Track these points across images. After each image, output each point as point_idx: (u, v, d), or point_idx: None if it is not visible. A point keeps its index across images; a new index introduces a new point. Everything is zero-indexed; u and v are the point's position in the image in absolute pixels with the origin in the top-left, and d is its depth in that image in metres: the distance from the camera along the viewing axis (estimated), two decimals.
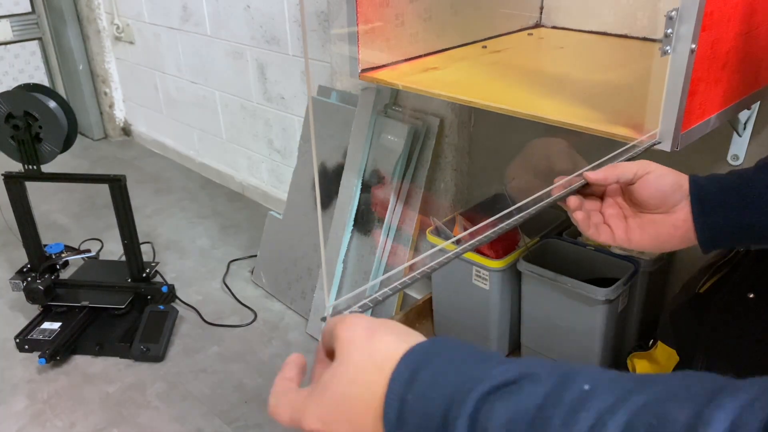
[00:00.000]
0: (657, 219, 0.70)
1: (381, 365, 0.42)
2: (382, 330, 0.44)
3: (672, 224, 0.69)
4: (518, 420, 0.36)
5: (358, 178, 1.79)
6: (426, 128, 1.73)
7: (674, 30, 0.81)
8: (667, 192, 0.68)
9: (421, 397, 0.39)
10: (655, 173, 0.68)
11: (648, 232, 0.71)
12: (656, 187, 0.68)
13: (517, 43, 1.43)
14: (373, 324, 0.45)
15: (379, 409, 0.41)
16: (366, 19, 1.15)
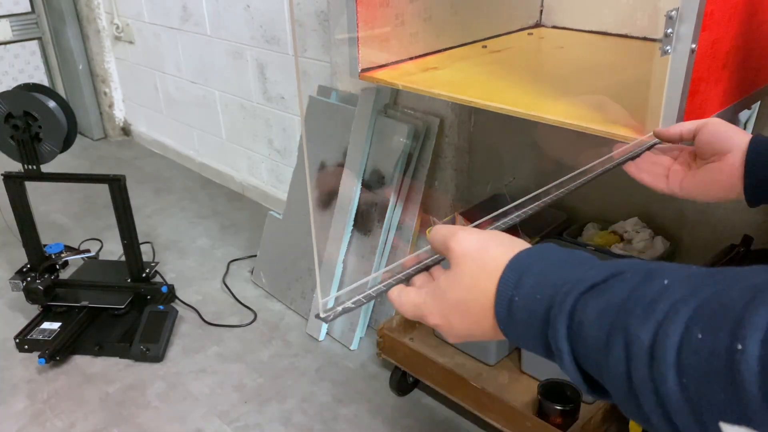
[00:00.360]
0: (709, 166, 0.74)
1: (492, 273, 0.49)
2: (492, 242, 0.51)
3: (719, 169, 0.73)
4: (608, 311, 0.42)
5: (358, 178, 1.79)
6: (426, 128, 1.73)
7: (674, 30, 0.81)
8: (721, 137, 0.72)
9: (526, 298, 0.46)
10: (713, 122, 0.74)
11: (697, 178, 0.75)
12: (712, 132, 0.73)
13: (517, 43, 1.43)
14: (483, 237, 0.52)
15: (492, 309, 0.49)
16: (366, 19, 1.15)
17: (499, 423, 1.41)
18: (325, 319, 0.54)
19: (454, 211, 1.66)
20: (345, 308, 0.54)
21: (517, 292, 0.47)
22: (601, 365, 0.42)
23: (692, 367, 0.36)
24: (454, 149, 1.74)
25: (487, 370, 1.56)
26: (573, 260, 0.48)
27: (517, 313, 0.47)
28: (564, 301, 0.44)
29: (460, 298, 0.50)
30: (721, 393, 0.34)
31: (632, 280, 0.43)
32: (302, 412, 1.65)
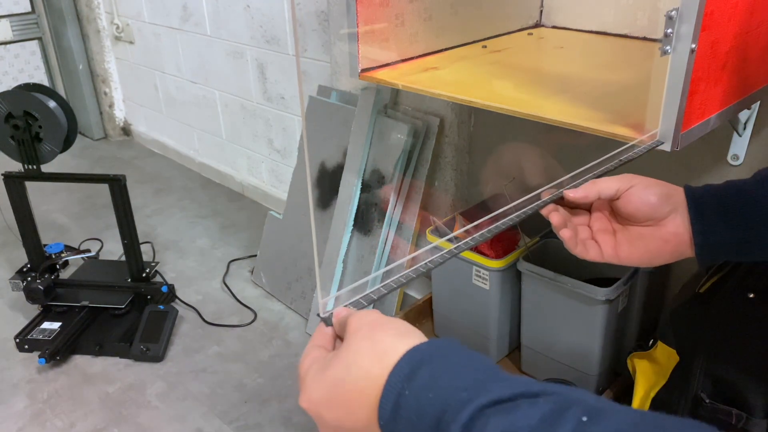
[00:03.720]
0: (646, 233, 0.67)
1: (382, 356, 0.43)
2: (389, 325, 0.45)
3: (661, 238, 0.66)
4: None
5: (358, 178, 1.79)
6: (426, 128, 1.73)
7: (674, 30, 0.81)
8: (655, 204, 0.65)
9: (418, 396, 0.40)
10: (640, 186, 0.65)
11: (637, 247, 0.67)
12: (642, 200, 0.65)
13: (517, 43, 1.43)
14: (382, 319, 0.46)
15: (375, 399, 0.42)
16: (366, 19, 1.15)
17: None
18: (326, 320, 0.54)
19: (454, 211, 1.66)
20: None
21: (408, 386, 0.41)
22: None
23: None
24: (454, 149, 1.74)
25: None
26: (478, 365, 0.42)
27: (403, 411, 0.40)
28: (461, 410, 0.38)
29: (339, 377, 0.43)
30: None
31: (544, 407, 0.37)
32: (302, 412, 1.64)
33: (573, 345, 1.39)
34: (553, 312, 1.40)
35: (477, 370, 0.42)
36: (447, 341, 0.44)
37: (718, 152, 1.32)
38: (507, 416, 0.37)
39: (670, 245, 0.65)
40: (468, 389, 0.39)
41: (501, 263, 1.43)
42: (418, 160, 1.76)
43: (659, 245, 0.66)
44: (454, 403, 0.39)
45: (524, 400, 0.38)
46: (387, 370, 0.42)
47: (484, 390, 0.39)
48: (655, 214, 0.65)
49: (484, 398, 0.38)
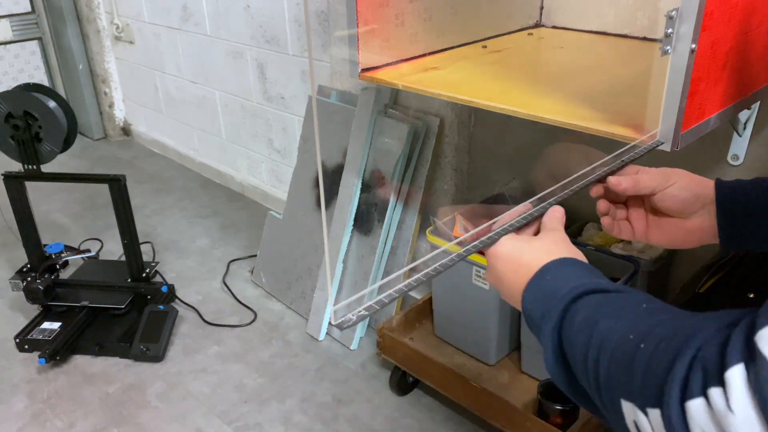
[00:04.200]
0: (675, 223, 0.74)
1: (549, 254, 0.62)
2: (566, 244, 0.65)
3: (689, 229, 0.73)
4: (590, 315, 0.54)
5: (358, 178, 1.79)
6: (426, 128, 1.73)
7: (674, 30, 0.81)
8: (686, 203, 0.71)
9: (550, 280, 0.59)
10: (675, 187, 0.72)
11: (666, 233, 0.74)
12: (675, 200, 0.72)
13: (517, 43, 1.43)
14: (564, 236, 0.66)
15: (531, 273, 0.61)
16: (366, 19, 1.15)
17: (499, 423, 1.41)
18: (339, 326, 0.53)
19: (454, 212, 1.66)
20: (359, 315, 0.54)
21: (547, 275, 0.60)
22: (572, 342, 0.54)
23: (616, 357, 0.48)
24: (454, 149, 1.74)
25: (487, 370, 1.56)
26: (593, 277, 0.60)
27: (543, 285, 0.60)
28: (573, 290, 0.57)
29: (522, 248, 0.63)
30: (623, 377, 0.47)
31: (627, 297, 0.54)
32: (302, 412, 1.65)
33: None
34: None
35: (590, 273, 0.60)
36: (587, 266, 0.62)
37: (718, 152, 1.32)
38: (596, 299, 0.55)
39: (696, 236, 0.73)
40: (575, 283, 0.58)
41: None
42: (418, 160, 1.76)
43: (685, 235, 0.73)
44: (567, 287, 0.57)
45: (617, 294, 0.56)
46: (544, 262, 0.61)
47: (596, 284, 0.57)
48: (685, 211, 0.72)
49: (585, 288, 0.56)
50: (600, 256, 1.41)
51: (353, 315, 0.54)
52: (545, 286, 0.59)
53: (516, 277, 0.62)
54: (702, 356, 0.42)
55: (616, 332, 0.50)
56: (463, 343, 1.61)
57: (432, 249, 1.55)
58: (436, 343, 1.66)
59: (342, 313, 0.54)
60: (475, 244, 0.66)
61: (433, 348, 1.64)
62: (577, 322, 0.54)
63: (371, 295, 0.56)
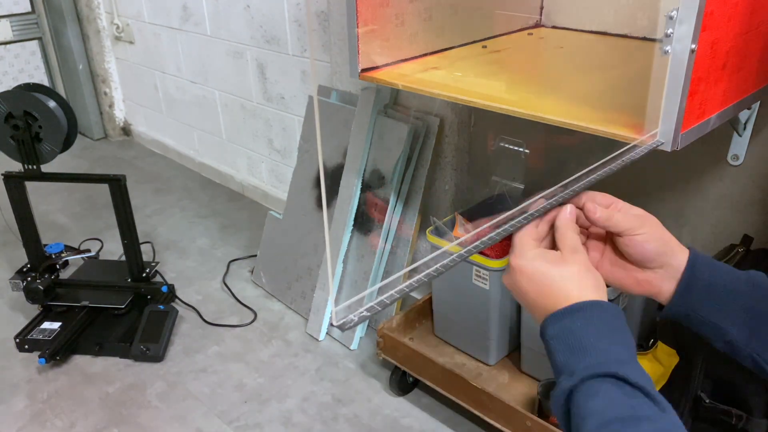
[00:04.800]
0: (628, 268, 0.71)
1: (581, 290, 0.62)
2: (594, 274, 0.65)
3: (639, 279, 0.70)
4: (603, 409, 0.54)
5: (358, 178, 1.79)
6: (426, 128, 1.73)
7: (674, 30, 0.81)
8: (647, 257, 0.69)
9: (578, 330, 0.59)
10: (645, 236, 0.68)
11: (614, 273, 0.72)
12: (639, 249, 0.68)
13: (517, 43, 1.43)
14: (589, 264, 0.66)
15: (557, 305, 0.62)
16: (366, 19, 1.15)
17: (499, 423, 1.41)
18: (341, 327, 0.53)
19: (454, 212, 1.66)
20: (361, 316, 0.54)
21: (578, 320, 0.61)
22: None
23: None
24: (454, 149, 1.74)
25: (487, 370, 1.56)
26: (628, 345, 0.60)
27: (564, 329, 0.60)
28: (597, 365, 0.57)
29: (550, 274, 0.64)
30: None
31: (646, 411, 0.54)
32: (302, 412, 1.65)
33: None
34: None
35: (625, 345, 0.59)
36: (616, 313, 0.62)
37: (718, 152, 1.32)
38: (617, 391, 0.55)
39: (642, 288, 0.70)
40: (608, 357, 0.57)
41: (501, 263, 1.43)
42: (418, 160, 1.76)
43: (633, 283, 0.71)
44: (596, 356, 0.57)
45: (641, 395, 0.54)
46: (576, 300, 0.61)
47: (624, 366, 0.56)
48: (644, 262, 0.69)
49: (615, 370, 0.55)
50: None
51: (354, 316, 0.54)
52: (574, 331, 0.59)
53: (540, 301, 0.63)
54: None
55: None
56: (463, 343, 1.61)
57: (432, 249, 1.55)
58: (436, 343, 1.66)
59: (343, 314, 0.54)
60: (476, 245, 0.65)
61: (433, 348, 1.64)
62: (590, 408, 0.54)
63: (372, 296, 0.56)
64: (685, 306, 0.68)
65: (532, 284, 0.64)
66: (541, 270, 0.64)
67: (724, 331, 0.67)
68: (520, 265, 0.65)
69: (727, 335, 0.67)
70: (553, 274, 0.63)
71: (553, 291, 0.63)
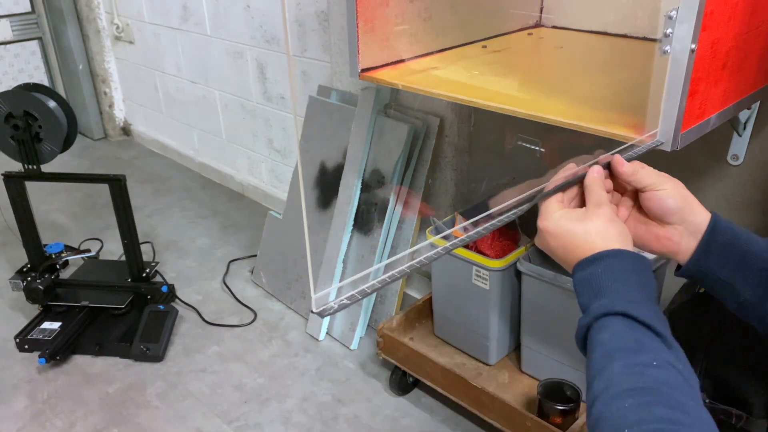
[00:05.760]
0: (650, 224, 0.75)
1: (605, 240, 0.67)
2: (618, 224, 0.70)
3: (658, 236, 0.75)
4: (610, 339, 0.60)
5: (358, 178, 1.79)
6: (426, 128, 1.73)
7: (674, 30, 0.81)
8: (667, 212, 0.73)
9: (600, 275, 0.65)
10: (667, 192, 0.73)
11: (637, 229, 0.76)
12: (660, 204, 0.73)
13: (517, 43, 1.43)
14: (614, 215, 0.71)
15: (582, 255, 0.67)
16: (366, 19, 1.15)
17: (499, 423, 1.41)
18: (320, 313, 0.54)
19: (454, 211, 1.66)
20: (341, 304, 0.54)
21: (600, 266, 0.66)
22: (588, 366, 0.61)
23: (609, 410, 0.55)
24: (454, 149, 1.74)
25: (487, 370, 1.56)
26: (645, 288, 0.64)
27: (590, 275, 0.66)
28: (611, 304, 0.62)
29: (575, 230, 0.69)
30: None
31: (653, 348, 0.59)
32: (302, 412, 1.65)
33: (573, 345, 1.38)
34: (553, 312, 1.40)
35: (641, 289, 0.63)
36: (639, 261, 0.66)
37: (718, 152, 1.32)
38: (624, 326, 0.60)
39: (662, 245, 0.75)
40: (620, 297, 0.62)
41: (501, 263, 1.43)
42: (418, 160, 1.76)
43: (653, 239, 0.75)
44: (610, 297, 0.62)
45: (648, 331, 0.59)
46: (599, 249, 0.66)
47: (634, 306, 0.60)
48: (665, 218, 0.73)
49: (625, 309, 0.60)
50: None
51: (335, 303, 0.54)
52: (595, 276, 0.65)
53: (569, 256, 0.70)
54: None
55: (619, 385, 0.55)
56: (463, 343, 1.61)
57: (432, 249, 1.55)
58: (436, 343, 1.66)
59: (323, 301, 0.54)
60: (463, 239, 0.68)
61: (433, 348, 1.64)
62: (598, 340, 0.61)
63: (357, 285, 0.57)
64: (704, 265, 0.72)
65: (559, 242, 0.70)
66: (566, 228, 0.70)
67: (738, 292, 0.71)
68: (546, 227, 0.71)
69: (741, 296, 0.71)
70: (577, 229, 0.69)
71: (579, 245, 0.68)
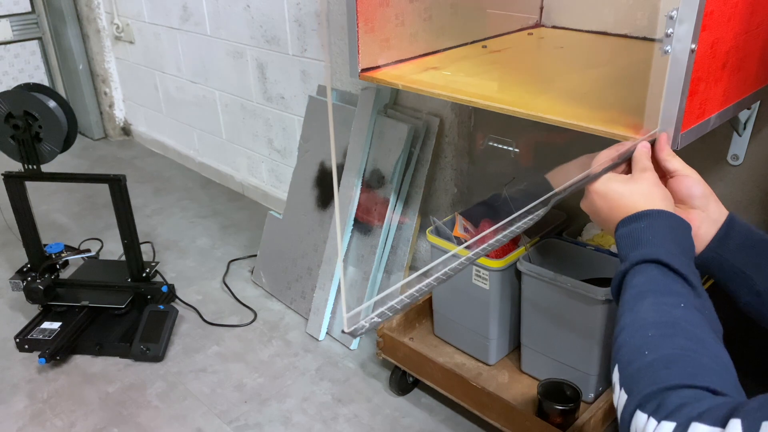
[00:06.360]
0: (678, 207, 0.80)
1: (647, 200, 0.73)
2: (661, 189, 0.76)
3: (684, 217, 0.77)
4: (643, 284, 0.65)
5: (358, 178, 1.79)
6: (426, 128, 1.73)
7: (674, 30, 0.81)
8: (692, 197, 0.79)
9: (642, 230, 0.70)
10: (693, 178, 0.80)
11: None
12: (688, 186, 0.80)
13: (517, 43, 1.43)
14: (657, 179, 0.77)
15: (625, 214, 0.73)
16: (366, 19, 1.15)
17: (499, 423, 1.41)
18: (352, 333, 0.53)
19: (454, 212, 1.66)
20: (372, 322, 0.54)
21: (643, 222, 0.71)
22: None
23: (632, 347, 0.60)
24: (454, 149, 1.74)
25: (487, 369, 1.56)
26: (683, 245, 0.69)
27: (633, 231, 0.71)
28: (648, 254, 0.67)
29: (622, 192, 0.75)
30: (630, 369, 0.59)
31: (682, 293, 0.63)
32: (302, 412, 1.65)
33: (573, 345, 1.39)
34: (553, 312, 1.40)
35: (679, 245, 0.68)
36: (680, 222, 0.72)
37: (718, 152, 1.32)
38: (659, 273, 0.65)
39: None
40: (658, 249, 0.67)
41: (501, 263, 1.43)
42: (418, 160, 1.76)
43: None
44: (649, 248, 0.67)
45: (680, 279, 0.64)
46: (643, 208, 0.72)
47: (670, 256, 0.65)
48: (690, 200, 0.80)
49: (661, 257, 0.66)
50: (600, 256, 1.41)
51: (366, 322, 0.54)
52: (637, 231, 0.70)
53: (612, 214, 0.75)
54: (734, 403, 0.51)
55: (645, 319, 0.60)
56: (463, 343, 1.61)
57: (432, 249, 1.55)
58: (436, 343, 1.66)
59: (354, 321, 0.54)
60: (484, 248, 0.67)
61: (433, 348, 1.64)
62: (633, 283, 0.66)
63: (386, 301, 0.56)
64: (721, 252, 0.78)
65: (605, 201, 0.76)
66: (613, 188, 0.76)
67: (753, 281, 0.75)
68: (595, 187, 0.77)
69: (755, 285, 0.75)
70: (623, 190, 0.75)
71: (624, 203, 0.74)
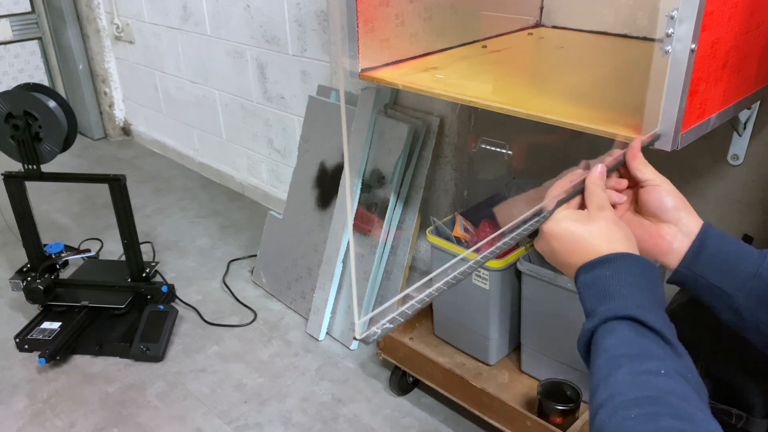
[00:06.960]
0: (643, 222, 0.75)
1: (609, 243, 0.65)
2: (621, 228, 0.68)
3: (651, 233, 0.74)
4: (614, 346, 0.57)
5: (358, 178, 1.79)
6: (426, 128, 1.73)
7: (674, 30, 0.81)
8: (662, 209, 0.73)
9: (607, 279, 0.62)
10: (666, 189, 0.73)
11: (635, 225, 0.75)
12: (657, 198, 0.73)
13: (517, 43, 1.43)
14: (616, 218, 0.69)
15: (586, 258, 0.65)
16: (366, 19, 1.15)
17: (499, 423, 1.41)
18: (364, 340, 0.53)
19: (454, 211, 1.66)
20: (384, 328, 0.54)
21: (607, 270, 0.64)
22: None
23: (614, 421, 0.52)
24: (454, 149, 1.74)
25: (487, 370, 1.56)
26: (652, 293, 0.62)
27: (596, 278, 0.64)
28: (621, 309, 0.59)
29: (579, 233, 0.67)
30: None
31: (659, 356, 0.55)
32: (302, 412, 1.65)
33: (573, 345, 1.38)
34: (553, 312, 1.40)
35: (650, 294, 0.61)
36: (647, 267, 0.64)
37: (718, 152, 1.32)
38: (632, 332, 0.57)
39: (654, 242, 0.74)
40: (629, 302, 0.59)
41: (501, 263, 1.43)
42: (418, 160, 1.76)
43: (645, 236, 0.74)
44: (618, 301, 0.60)
45: (655, 337, 0.57)
46: (605, 252, 0.64)
47: (642, 311, 0.58)
48: (661, 214, 0.73)
49: (634, 313, 0.58)
50: None
51: (377, 329, 0.53)
52: (602, 279, 0.63)
53: (572, 259, 0.67)
54: None
55: (624, 394, 0.53)
56: (463, 343, 1.61)
57: (432, 249, 1.55)
58: (436, 343, 1.66)
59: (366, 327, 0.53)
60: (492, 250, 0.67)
61: (433, 348, 1.64)
62: (604, 345, 0.58)
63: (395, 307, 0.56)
64: (695, 268, 0.71)
65: (562, 244, 0.68)
66: (570, 230, 0.68)
67: (731, 298, 0.69)
68: (549, 228, 0.70)
69: (733, 302, 0.69)
70: (581, 232, 0.67)
71: (583, 247, 0.66)
